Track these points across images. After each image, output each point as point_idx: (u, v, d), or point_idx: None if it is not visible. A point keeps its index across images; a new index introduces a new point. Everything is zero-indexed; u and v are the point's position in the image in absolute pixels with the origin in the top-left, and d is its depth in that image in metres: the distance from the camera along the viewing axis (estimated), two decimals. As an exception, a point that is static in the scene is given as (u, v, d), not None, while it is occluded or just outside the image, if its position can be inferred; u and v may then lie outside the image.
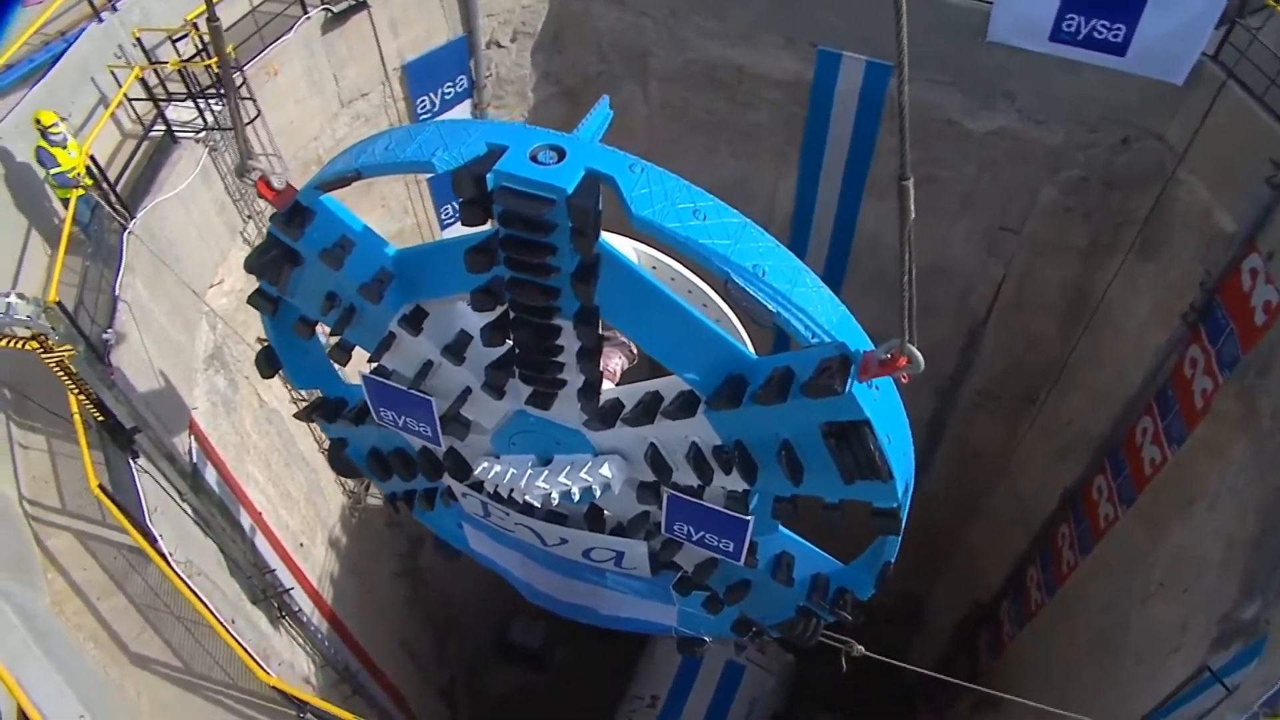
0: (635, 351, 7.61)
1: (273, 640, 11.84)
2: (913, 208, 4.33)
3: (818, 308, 5.22)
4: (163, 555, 7.93)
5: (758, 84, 15.72)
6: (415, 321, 6.42)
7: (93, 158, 10.43)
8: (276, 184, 6.28)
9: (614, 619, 9.00)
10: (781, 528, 6.90)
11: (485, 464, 7.14)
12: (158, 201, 11.20)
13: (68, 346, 7.21)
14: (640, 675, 21.11)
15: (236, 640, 7.52)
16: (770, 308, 5.00)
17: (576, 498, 6.65)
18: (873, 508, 5.96)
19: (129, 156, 11.82)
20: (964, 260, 16.28)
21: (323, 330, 7.13)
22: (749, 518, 6.29)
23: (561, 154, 5.04)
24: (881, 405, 5.41)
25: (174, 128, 11.83)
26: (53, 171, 10.00)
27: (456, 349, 6.50)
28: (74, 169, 10.01)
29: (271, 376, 7.82)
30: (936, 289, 16.17)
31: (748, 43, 15.24)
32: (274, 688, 7.52)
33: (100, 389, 7.99)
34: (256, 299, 7.05)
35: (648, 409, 5.98)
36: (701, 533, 6.64)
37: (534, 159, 5.03)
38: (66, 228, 9.58)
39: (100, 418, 8.30)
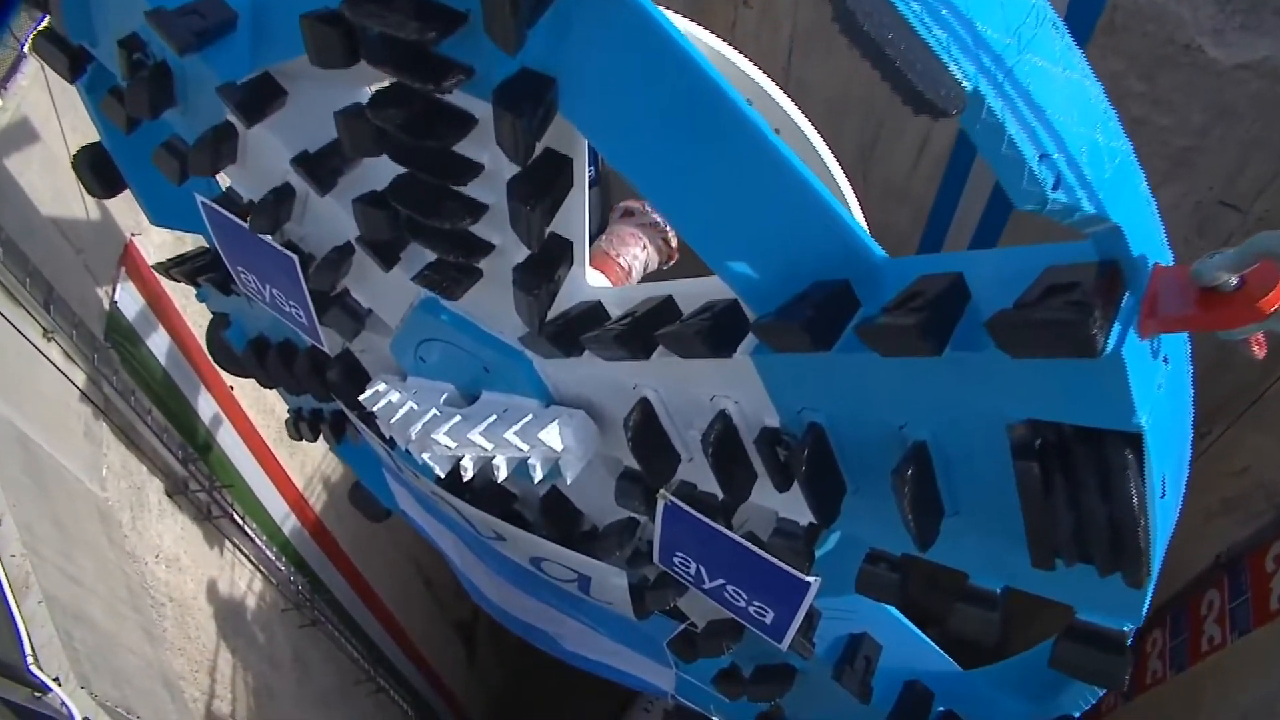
0: (674, 240, 4.48)
1: (191, 547, 9.45)
2: None
3: (1069, 110, 1.81)
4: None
5: (930, -28, 12.20)
6: (255, 100, 3.42)
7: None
8: None
9: (581, 659, 5.92)
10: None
11: (380, 386, 4.17)
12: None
13: None
14: None
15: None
16: (955, 72, 1.66)
17: (502, 474, 3.63)
18: (1072, 621, 2.79)
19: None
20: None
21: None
22: (810, 579, 3.19)
23: None
24: (1166, 410, 2.12)
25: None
26: None
27: (320, 163, 3.44)
28: None
29: (106, 196, 4.94)
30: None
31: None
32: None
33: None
34: (41, 42, 4.16)
35: (639, 326, 2.73)
36: (720, 580, 3.55)
37: None
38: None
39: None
